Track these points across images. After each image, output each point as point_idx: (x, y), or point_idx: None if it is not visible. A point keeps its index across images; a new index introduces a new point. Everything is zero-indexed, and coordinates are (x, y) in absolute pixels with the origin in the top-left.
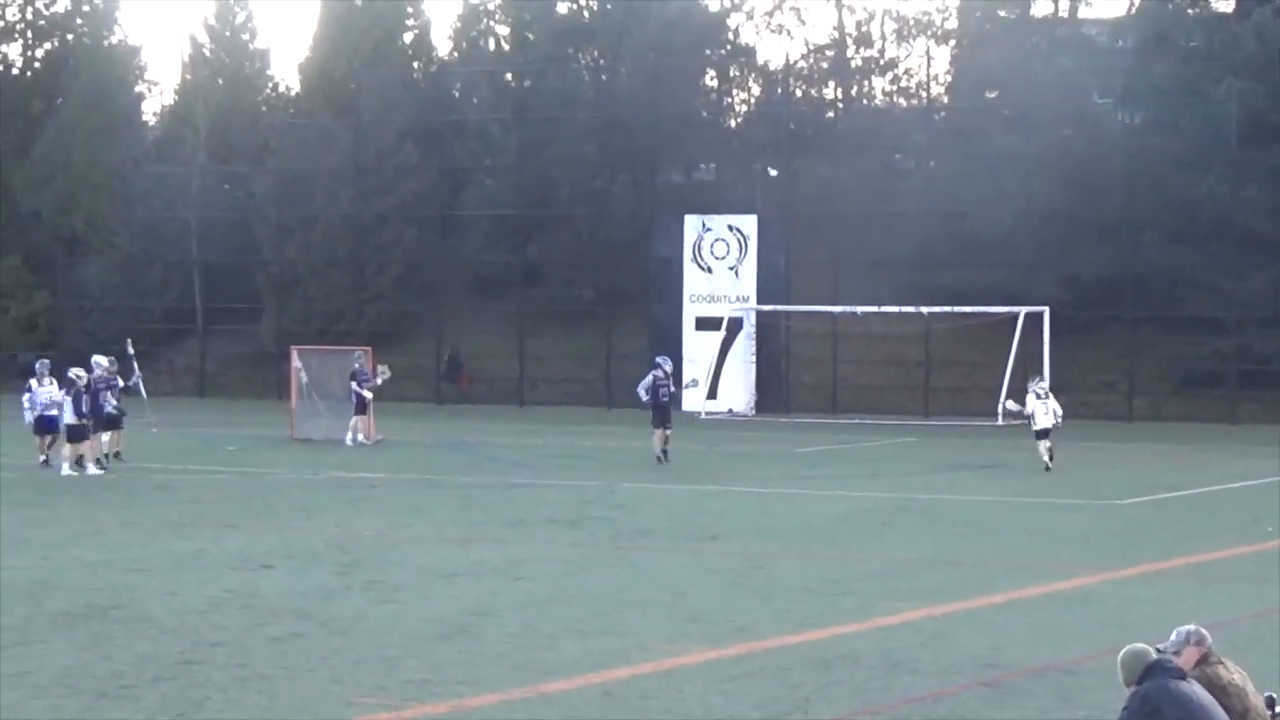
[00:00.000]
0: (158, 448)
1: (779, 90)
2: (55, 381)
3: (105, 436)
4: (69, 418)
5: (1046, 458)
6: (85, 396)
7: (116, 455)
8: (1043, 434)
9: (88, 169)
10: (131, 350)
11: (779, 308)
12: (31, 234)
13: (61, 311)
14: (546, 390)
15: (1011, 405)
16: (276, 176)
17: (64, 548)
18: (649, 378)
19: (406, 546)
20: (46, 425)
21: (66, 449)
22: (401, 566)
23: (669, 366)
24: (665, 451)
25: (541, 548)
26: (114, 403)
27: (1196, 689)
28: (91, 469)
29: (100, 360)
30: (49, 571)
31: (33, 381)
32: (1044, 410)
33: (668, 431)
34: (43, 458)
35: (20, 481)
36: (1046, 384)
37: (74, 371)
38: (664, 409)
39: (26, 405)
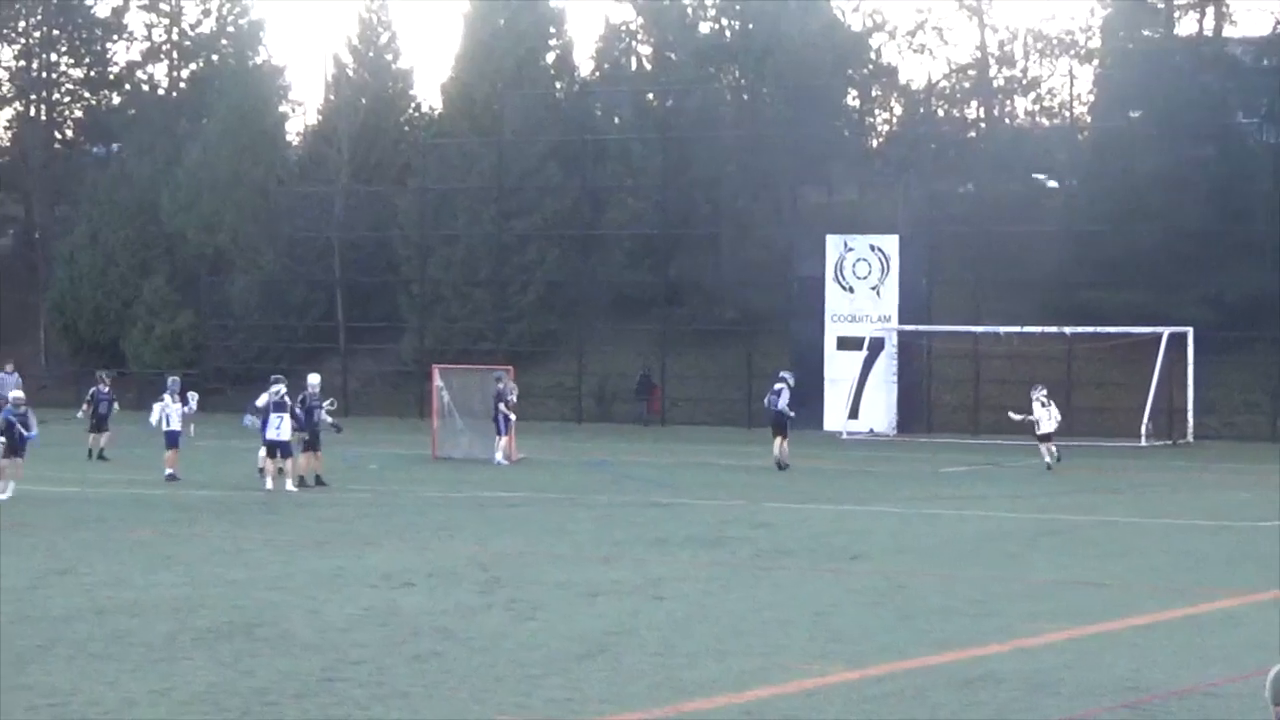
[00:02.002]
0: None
1: (921, 110)
2: (182, 399)
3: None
4: (273, 434)
5: (1048, 458)
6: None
7: (317, 479)
8: (1045, 438)
9: (232, 188)
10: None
11: (921, 327)
12: (177, 253)
13: (205, 330)
14: (687, 409)
15: (1016, 415)
16: (419, 196)
17: (207, 565)
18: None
19: (547, 565)
20: (172, 440)
21: (287, 464)
22: (542, 585)
23: (791, 380)
24: (780, 463)
25: (682, 567)
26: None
27: None
28: (289, 485)
29: (314, 379)
30: (193, 589)
31: (166, 396)
32: (1046, 416)
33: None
34: (169, 471)
35: (163, 500)
36: (1046, 392)
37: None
38: (777, 419)
39: (155, 418)
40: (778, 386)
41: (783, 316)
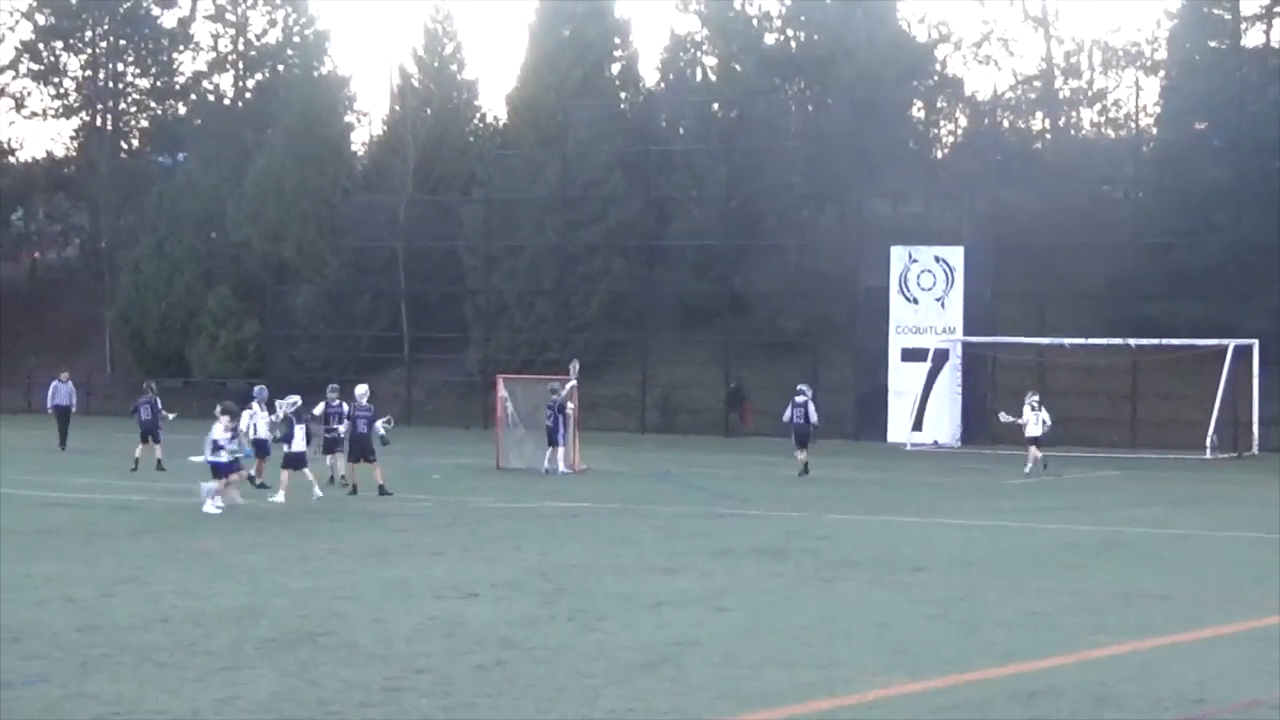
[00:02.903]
0: (363, 476)
1: (986, 121)
2: (268, 409)
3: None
4: (302, 445)
5: (1030, 464)
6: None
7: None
8: (1033, 441)
9: (297, 198)
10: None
11: (985, 339)
12: (242, 263)
13: (270, 339)
14: (752, 420)
15: (1005, 416)
16: (484, 206)
17: (271, 574)
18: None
19: (610, 576)
20: (258, 449)
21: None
22: (605, 595)
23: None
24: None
25: (746, 578)
26: (380, 433)
27: None
28: (317, 492)
29: (361, 389)
30: (256, 598)
31: (254, 404)
32: (1035, 420)
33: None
34: (259, 480)
35: (228, 509)
36: (1038, 397)
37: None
38: (800, 430)
39: (243, 425)
40: (801, 399)
41: (847, 328)
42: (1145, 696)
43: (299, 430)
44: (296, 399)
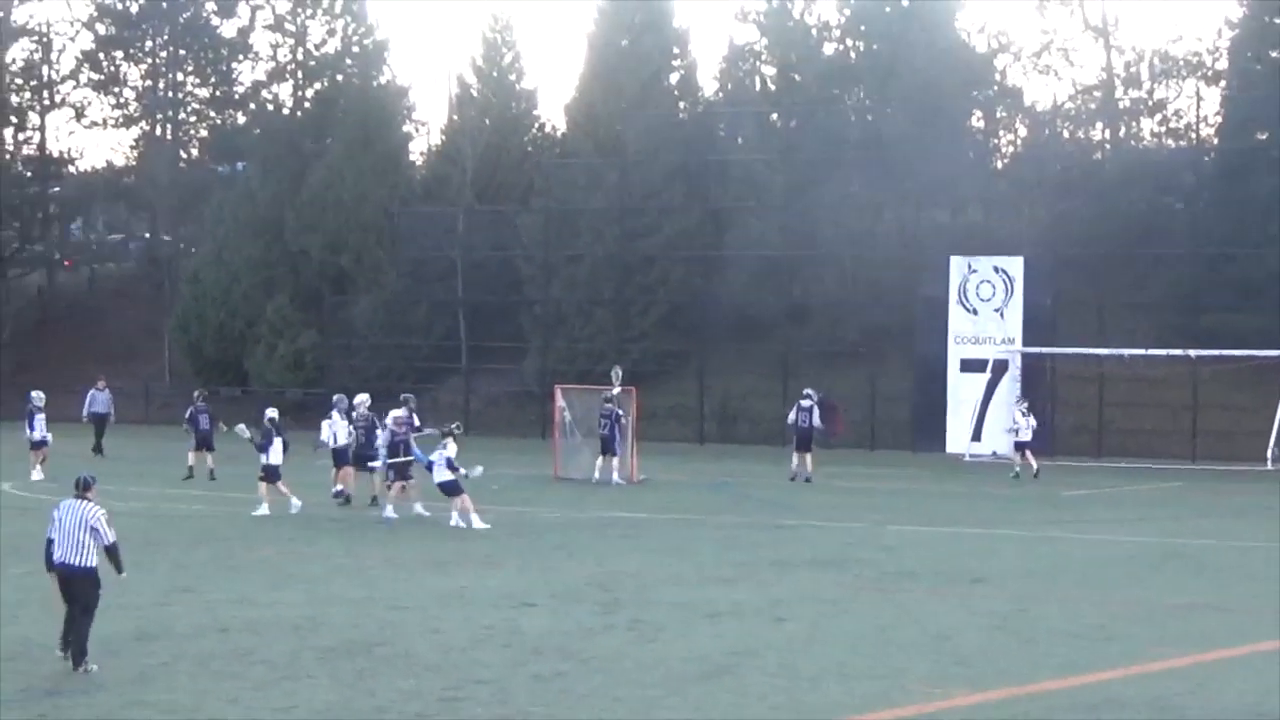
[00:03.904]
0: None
1: (1046, 131)
2: (349, 417)
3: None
4: (279, 458)
5: (1018, 467)
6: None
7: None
8: (1022, 446)
9: (356, 208)
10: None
11: (1044, 350)
12: (301, 273)
13: (328, 349)
14: (844, 430)
15: (1008, 430)
16: (542, 216)
17: (328, 584)
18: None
19: (668, 586)
20: (339, 458)
21: (273, 488)
22: (663, 605)
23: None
24: (808, 478)
25: (804, 588)
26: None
27: None
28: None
29: (362, 399)
30: (314, 608)
31: (334, 414)
32: (1025, 425)
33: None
34: (339, 488)
35: (286, 519)
36: (1027, 404)
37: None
38: (804, 435)
39: (324, 436)
40: (807, 404)
41: (905, 338)
42: (1207, 709)
43: (277, 442)
44: (273, 412)
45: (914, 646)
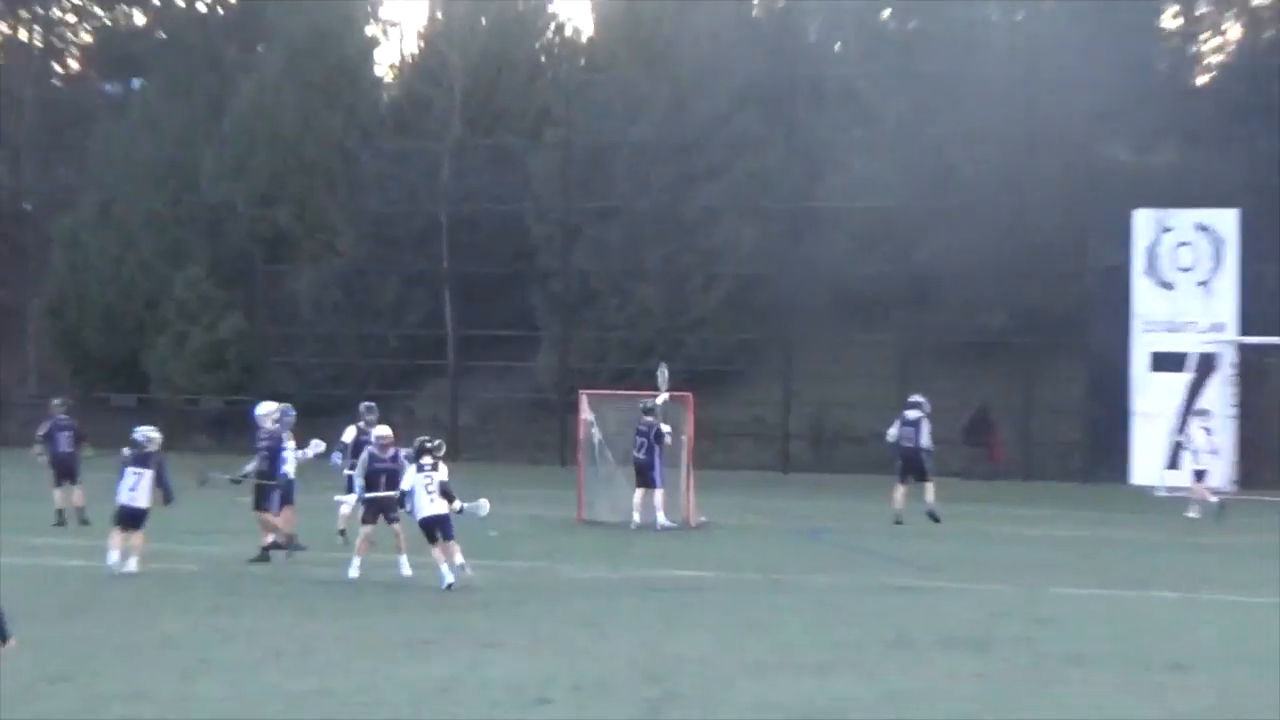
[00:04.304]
0: (386, 533)
1: (1270, 32)
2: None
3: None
4: (128, 497)
5: (1198, 505)
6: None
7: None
8: (1201, 475)
9: (298, 143)
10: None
11: (1270, 340)
12: (222, 233)
13: (260, 340)
14: (941, 455)
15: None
16: (561, 154)
17: (261, 672)
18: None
19: (741, 676)
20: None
21: (137, 539)
22: (734, 705)
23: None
24: (933, 514)
25: (934, 679)
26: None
27: None
28: (133, 565)
29: (267, 408)
30: (241, 706)
31: (286, 435)
32: (1206, 446)
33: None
34: (272, 539)
35: (202, 577)
36: (1211, 414)
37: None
38: (909, 458)
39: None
40: (913, 415)
41: (1073, 325)
42: None
43: (145, 477)
44: (151, 431)
45: None
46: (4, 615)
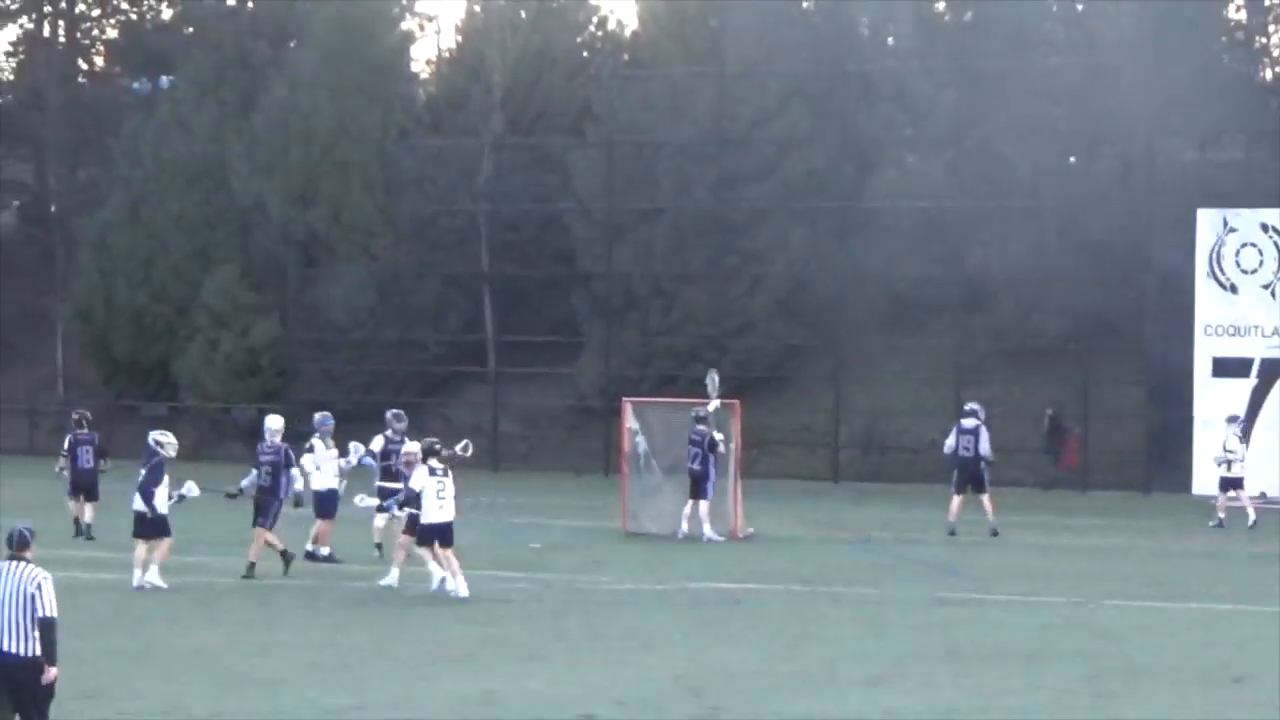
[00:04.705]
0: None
1: None
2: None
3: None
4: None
5: (1223, 513)
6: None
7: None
8: (1234, 483)
9: (333, 142)
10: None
11: None
12: (254, 235)
13: (293, 347)
14: (995, 464)
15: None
16: (603, 153)
17: (295, 687)
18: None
19: (788, 690)
20: (322, 506)
21: (162, 548)
22: (780, 718)
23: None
24: (993, 530)
25: (988, 694)
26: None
27: None
28: (156, 577)
29: (275, 422)
30: (277, 719)
31: (315, 440)
32: (1240, 454)
33: (982, 496)
34: (316, 548)
35: (236, 591)
36: (1243, 420)
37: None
38: (967, 468)
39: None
40: (970, 424)
41: (1133, 329)
42: None
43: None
44: (164, 436)
45: None
46: (55, 633)
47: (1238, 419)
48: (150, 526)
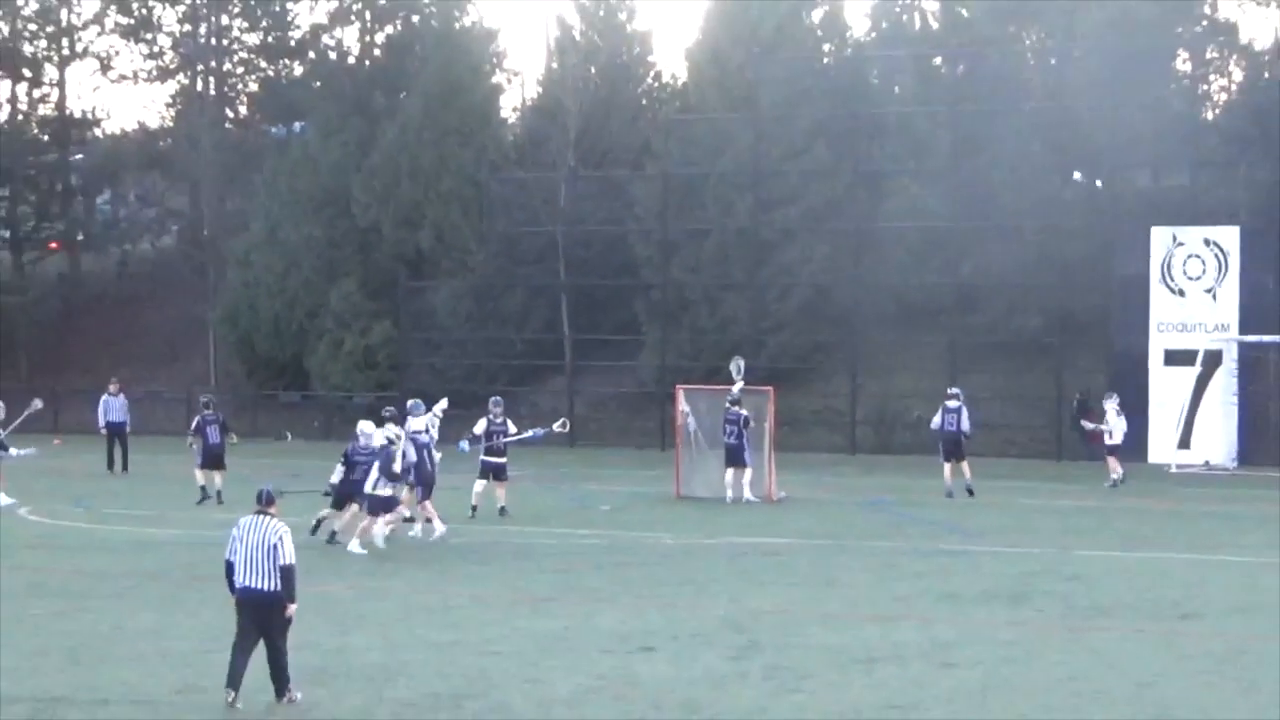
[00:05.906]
0: (517, 507)
1: (1267, 74)
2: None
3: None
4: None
5: (1115, 475)
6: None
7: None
8: (1114, 450)
9: (436, 176)
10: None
11: (1268, 338)
12: (371, 253)
13: (404, 345)
14: (985, 438)
15: (1088, 424)
16: (660, 183)
17: (407, 625)
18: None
19: (814, 625)
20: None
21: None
22: (808, 650)
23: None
24: (969, 488)
25: (978, 628)
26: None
27: None
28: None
29: (366, 427)
30: (390, 653)
31: (411, 420)
32: (1119, 427)
33: (962, 464)
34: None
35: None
36: (1119, 399)
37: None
38: (950, 440)
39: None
40: (954, 404)
41: (1098, 326)
42: None
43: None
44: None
45: (1110, 696)
46: (294, 578)
47: (1114, 396)
48: (376, 503)
